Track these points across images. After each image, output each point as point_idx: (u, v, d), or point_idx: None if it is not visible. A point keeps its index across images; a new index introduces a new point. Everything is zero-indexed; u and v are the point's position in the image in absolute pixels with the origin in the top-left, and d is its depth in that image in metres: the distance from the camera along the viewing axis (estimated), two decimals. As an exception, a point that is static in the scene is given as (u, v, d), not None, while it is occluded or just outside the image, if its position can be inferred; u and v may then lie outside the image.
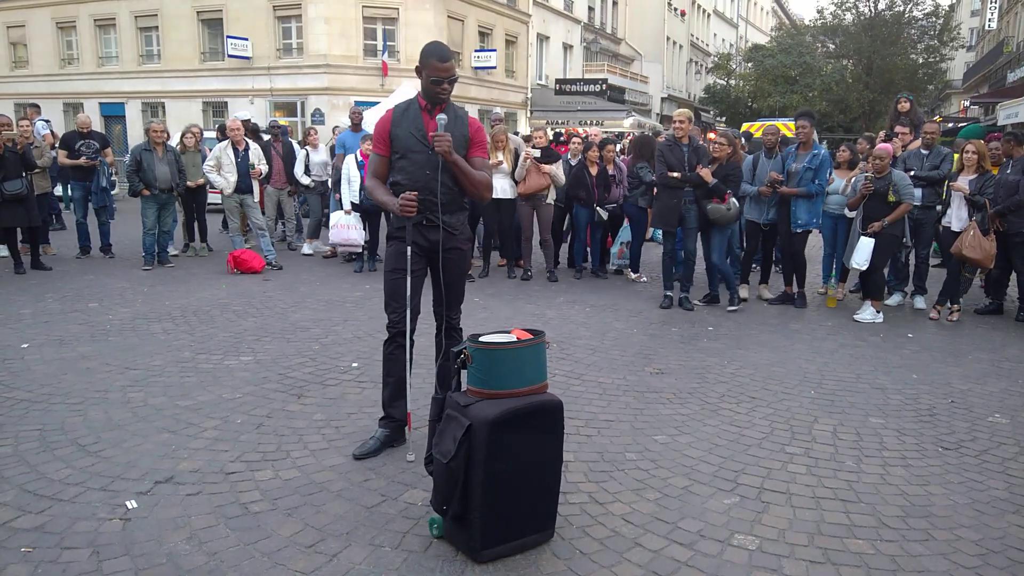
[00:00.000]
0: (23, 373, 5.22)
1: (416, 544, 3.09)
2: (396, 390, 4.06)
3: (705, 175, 7.40)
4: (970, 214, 7.37)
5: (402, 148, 3.86)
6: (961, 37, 43.48)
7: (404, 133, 3.86)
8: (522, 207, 9.17)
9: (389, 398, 4.10)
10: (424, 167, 3.82)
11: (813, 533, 3.29)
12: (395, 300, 3.99)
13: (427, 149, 3.80)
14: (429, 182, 3.81)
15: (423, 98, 3.90)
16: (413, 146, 3.84)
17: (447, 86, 3.81)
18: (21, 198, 8.77)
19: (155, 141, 9.56)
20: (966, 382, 5.56)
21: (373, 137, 4.02)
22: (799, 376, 5.61)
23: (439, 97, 3.83)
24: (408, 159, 3.85)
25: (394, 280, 3.98)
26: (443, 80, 3.78)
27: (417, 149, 3.84)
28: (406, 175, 3.86)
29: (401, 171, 3.88)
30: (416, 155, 3.84)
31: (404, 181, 3.85)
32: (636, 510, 3.45)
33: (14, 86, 30.68)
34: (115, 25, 28.65)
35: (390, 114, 3.96)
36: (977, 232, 7.18)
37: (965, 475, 3.95)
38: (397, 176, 3.90)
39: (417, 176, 3.83)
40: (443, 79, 3.78)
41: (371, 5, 25.06)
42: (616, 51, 40.71)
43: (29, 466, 3.75)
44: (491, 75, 29.51)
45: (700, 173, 7.40)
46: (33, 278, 8.72)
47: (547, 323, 7.03)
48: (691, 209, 7.60)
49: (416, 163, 3.83)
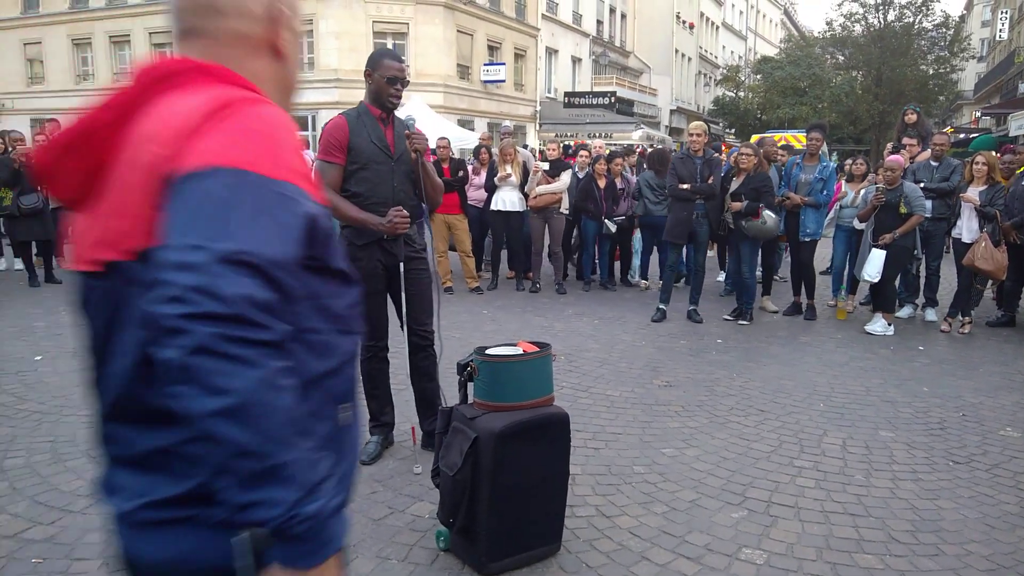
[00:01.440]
0: (36, 385, 5.27)
1: (423, 557, 3.10)
2: (384, 400, 4.14)
3: (734, 207, 7.37)
4: (981, 225, 7.34)
5: (362, 158, 3.71)
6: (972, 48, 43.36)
7: (364, 142, 3.72)
8: (533, 219, 9.20)
9: (379, 407, 4.16)
10: (388, 178, 3.73)
11: (822, 547, 3.28)
12: (374, 322, 3.93)
13: (390, 160, 3.74)
14: (396, 193, 3.74)
15: (374, 106, 3.80)
16: (375, 156, 3.72)
17: (400, 87, 3.75)
18: (37, 212, 8.87)
19: None
20: (977, 395, 5.53)
21: (323, 143, 3.77)
22: (808, 389, 5.59)
23: (391, 101, 3.75)
24: (369, 170, 3.72)
25: (370, 303, 3.77)
26: (398, 79, 3.72)
27: (380, 160, 3.73)
28: (368, 186, 3.72)
29: (362, 182, 3.72)
30: (379, 166, 3.73)
31: (366, 192, 3.71)
32: (643, 523, 3.45)
33: (30, 102, 31.06)
34: (130, 42, 29.03)
35: (344, 120, 3.79)
36: (989, 244, 7.15)
37: (976, 489, 3.92)
38: (356, 188, 3.72)
39: (381, 187, 3.72)
40: (398, 78, 3.72)
41: (381, 20, 25.27)
42: (625, 64, 40.82)
43: (41, 478, 3.78)
44: (500, 88, 29.64)
45: (731, 207, 7.37)
46: (47, 291, 8.80)
47: (555, 335, 7.03)
48: (703, 223, 7.59)
49: (379, 173, 3.72)
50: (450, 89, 26.31)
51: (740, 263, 7.69)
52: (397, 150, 3.81)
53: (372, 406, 4.14)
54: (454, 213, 8.91)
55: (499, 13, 29.40)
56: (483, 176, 9.36)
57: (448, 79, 26.20)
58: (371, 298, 3.85)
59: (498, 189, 9.06)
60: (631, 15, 41.99)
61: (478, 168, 9.48)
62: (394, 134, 3.81)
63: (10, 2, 31.34)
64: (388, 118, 3.83)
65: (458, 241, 9.08)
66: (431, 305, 4.04)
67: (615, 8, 39.85)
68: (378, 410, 4.15)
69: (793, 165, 8.16)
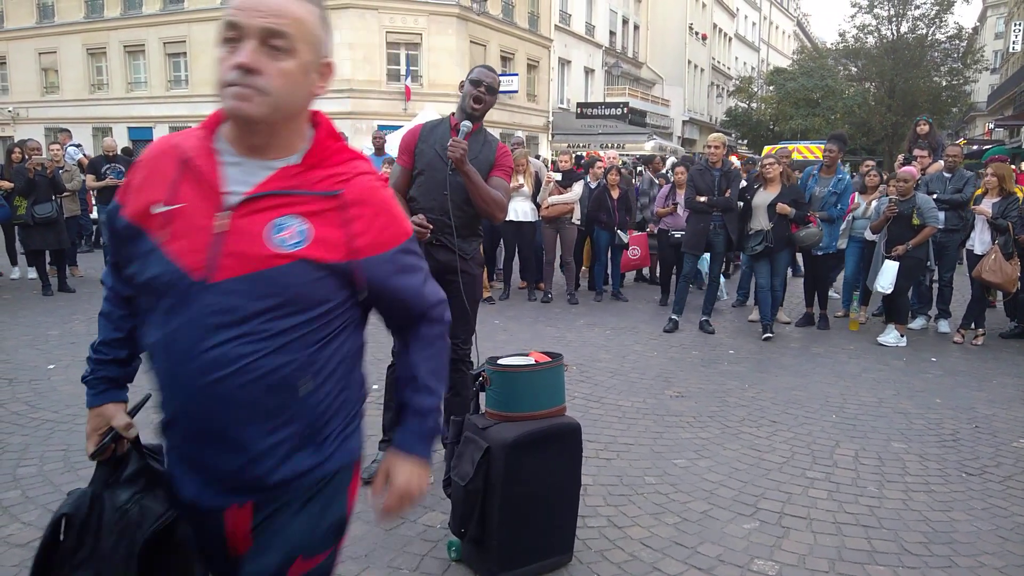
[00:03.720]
0: (49, 394, 5.30)
1: (434, 567, 3.10)
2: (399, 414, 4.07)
3: (783, 210, 7.25)
4: (993, 237, 7.30)
5: (423, 164, 3.78)
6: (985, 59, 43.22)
7: (428, 148, 3.78)
8: (545, 230, 9.22)
9: (391, 422, 4.04)
10: (441, 186, 3.73)
11: (834, 559, 3.26)
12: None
13: (447, 167, 3.71)
14: (444, 202, 3.72)
15: (456, 116, 3.85)
16: (434, 162, 3.76)
17: (483, 91, 3.74)
18: (51, 221, 8.94)
19: None
20: (991, 407, 5.49)
21: (399, 147, 3.90)
22: (821, 400, 5.57)
23: (471, 106, 3.76)
24: (426, 176, 3.77)
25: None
26: (482, 82, 3.74)
27: (437, 167, 3.75)
28: (422, 192, 3.77)
29: (418, 187, 3.79)
30: (435, 172, 3.75)
31: (419, 198, 3.77)
32: (655, 534, 3.44)
33: (45, 111, 31.42)
34: (144, 51, 29.31)
35: (419, 128, 3.90)
36: (999, 255, 7.10)
37: (989, 501, 3.89)
38: (413, 192, 3.80)
39: (433, 194, 3.74)
40: (483, 81, 3.74)
41: (394, 31, 25.41)
42: (637, 75, 40.89)
43: (53, 486, 3.80)
44: (513, 99, 29.70)
45: (779, 210, 7.24)
46: (60, 300, 8.86)
47: (567, 346, 7.03)
48: (720, 234, 7.56)
49: (434, 180, 3.74)
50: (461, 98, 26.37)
51: (773, 276, 7.52)
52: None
53: (386, 419, 4.08)
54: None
55: (512, 24, 29.53)
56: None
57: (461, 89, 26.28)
58: None
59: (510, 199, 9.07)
60: (644, 26, 42.09)
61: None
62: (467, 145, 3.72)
63: (26, 12, 31.73)
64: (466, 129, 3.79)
65: (470, 251, 9.08)
66: (467, 320, 3.94)
67: (628, 19, 39.96)
68: (389, 424, 4.06)
69: (809, 176, 8.14)
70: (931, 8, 37.73)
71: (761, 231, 7.41)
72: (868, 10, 38.86)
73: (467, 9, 26.13)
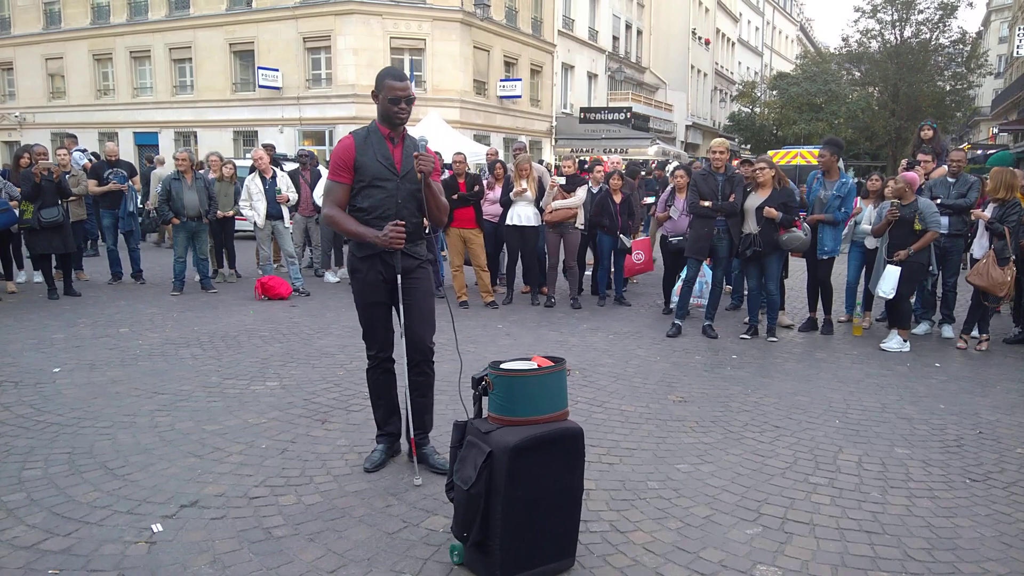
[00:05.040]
0: (54, 397, 5.33)
1: (437, 571, 3.10)
2: (388, 409, 4.20)
3: (770, 213, 7.27)
4: (990, 242, 7.29)
5: (368, 176, 3.83)
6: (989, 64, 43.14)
7: (370, 161, 3.84)
8: (549, 235, 9.23)
9: (383, 417, 4.22)
10: (394, 195, 3.84)
11: (837, 565, 3.26)
12: (375, 332, 4.07)
13: (396, 177, 3.84)
14: (400, 210, 3.85)
15: (382, 124, 3.90)
16: (381, 174, 3.83)
17: (404, 106, 3.82)
18: (57, 225, 8.98)
19: (180, 169, 9.71)
20: (994, 412, 5.48)
21: (332, 164, 3.92)
22: (824, 405, 5.56)
23: (398, 118, 3.84)
24: (375, 187, 3.83)
25: (370, 314, 4.02)
26: (400, 99, 3.80)
27: (386, 177, 3.84)
28: (373, 202, 3.84)
29: (367, 198, 3.85)
30: (386, 183, 3.83)
31: (372, 208, 3.83)
32: (657, 539, 3.44)
33: (51, 116, 31.56)
34: (150, 57, 29.42)
35: (351, 140, 3.91)
36: (989, 260, 7.10)
37: (993, 507, 3.88)
38: (362, 203, 3.85)
39: (387, 204, 3.84)
40: (400, 98, 3.80)
41: (399, 36, 25.49)
42: (641, 80, 40.94)
43: (58, 489, 3.82)
44: (516, 104, 29.79)
45: (766, 213, 7.26)
46: (66, 303, 8.89)
47: (570, 350, 7.04)
48: (723, 239, 7.57)
49: (385, 191, 3.83)
50: (466, 104, 26.47)
51: (767, 279, 7.56)
52: (404, 168, 3.89)
53: (377, 416, 4.25)
54: (469, 228, 8.96)
55: (515, 29, 29.59)
56: (498, 191, 9.39)
57: (464, 94, 26.36)
58: (372, 308, 4.02)
59: (514, 204, 9.10)
60: (647, 31, 42.15)
61: (493, 183, 9.52)
62: (403, 152, 3.89)
63: (32, 18, 31.89)
64: (397, 136, 3.91)
65: (473, 256, 9.11)
66: (430, 319, 4.09)
67: (631, 24, 40.01)
68: (383, 420, 4.23)
69: (814, 179, 8.14)
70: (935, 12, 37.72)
71: (750, 235, 7.45)
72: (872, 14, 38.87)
73: (470, 15, 26.18)
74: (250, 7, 27.05)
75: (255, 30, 26.88)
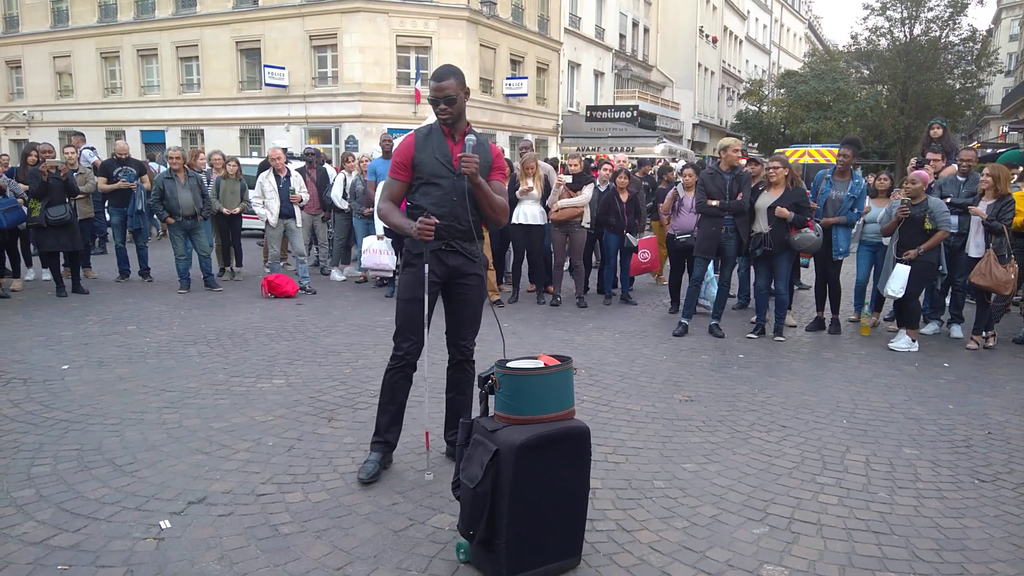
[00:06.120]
0: (63, 394, 5.35)
1: (443, 569, 3.11)
2: (395, 417, 4.09)
3: (781, 213, 7.23)
4: (988, 240, 7.24)
5: (426, 173, 3.84)
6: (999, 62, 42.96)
7: (429, 158, 3.85)
8: (555, 233, 9.23)
9: (387, 424, 4.08)
10: (451, 193, 3.81)
11: (844, 565, 3.25)
12: (411, 330, 3.93)
13: (453, 174, 3.80)
14: (455, 208, 3.81)
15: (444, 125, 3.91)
16: (439, 171, 3.83)
17: (444, 106, 3.82)
18: (65, 223, 9.00)
19: (174, 168, 9.66)
20: (1004, 413, 5.45)
21: (393, 161, 3.96)
22: (831, 405, 5.55)
23: (441, 119, 3.85)
24: (434, 184, 3.83)
25: (411, 309, 3.90)
26: (438, 100, 3.81)
27: (443, 174, 3.82)
28: (431, 200, 3.82)
29: (425, 195, 3.85)
30: (443, 180, 3.82)
31: (429, 206, 3.81)
32: (664, 538, 3.43)
33: (59, 114, 31.68)
34: (157, 55, 29.52)
35: (412, 139, 3.94)
36: (990, 259, 7.05)
37: (1002, 508, 3.87)
38: (421, 200, 3.85)
39: (443, 202, 3.81)
40: (437, 99, 3.81)
41: (405, 34, 25.50)
42: (647, 78, 40.86)
43: (67, 485, 3.83)
44: (522, 102, 29.77)
45: (778, 214, 7.23)
46: (74, 301, 8.93)
47: (576, 349, 7.03)
48: (731, 238, 7.55)
49: (443, 188, 3.81)
50: (472, 102, 26.38)
51: (776, 279, 7.53)
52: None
53: (381, 420, 4.08)
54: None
55: (522, 27, 29.57)
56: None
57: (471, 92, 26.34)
58: (413, 305, 3.89)
59: (520, 202, 9.09)
60: (654, 29, 42.07)
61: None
62: (462, 150, 3.82)
63: (40, 16, 32.02)
64: (457, 133, 3.89)
65: (479, 254, 9.10)
66: (476, 321, 4.09)
67: (638, 22, 39.95)
68: (386, 425, 4.08)
69: (822, 180, 8.08)
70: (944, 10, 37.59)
71: (761, 234, 7.42)
72: (881, 12, 38.74)
73: (477, 12, 26.18)
74: (257, 5, 27.10)
75: (262, 28, 26.92)
